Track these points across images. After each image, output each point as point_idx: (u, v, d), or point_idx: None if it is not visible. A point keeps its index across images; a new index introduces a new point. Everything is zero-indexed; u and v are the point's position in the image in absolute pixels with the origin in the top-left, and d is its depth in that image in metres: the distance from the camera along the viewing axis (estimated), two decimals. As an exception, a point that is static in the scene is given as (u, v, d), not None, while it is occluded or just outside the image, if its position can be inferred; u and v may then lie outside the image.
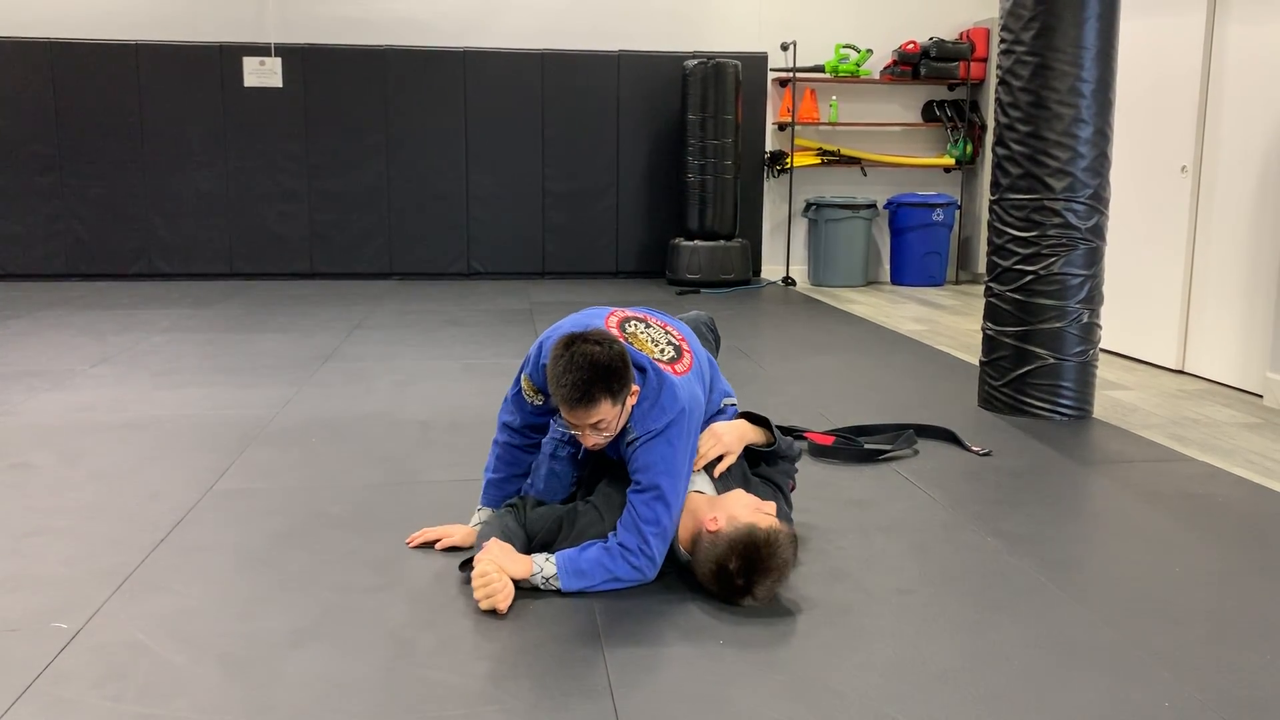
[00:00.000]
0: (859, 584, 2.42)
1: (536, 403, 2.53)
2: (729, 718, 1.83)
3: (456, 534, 2.63)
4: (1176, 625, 2.22)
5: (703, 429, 2.55)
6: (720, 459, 2.55)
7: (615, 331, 2.48)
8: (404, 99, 8.01)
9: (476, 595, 2.24)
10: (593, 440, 2.36)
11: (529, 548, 2.44)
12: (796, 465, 2.74)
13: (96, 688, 1.92)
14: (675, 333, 2.62)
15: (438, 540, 2.63)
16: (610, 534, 2.37)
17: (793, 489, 2.72)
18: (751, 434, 2.61)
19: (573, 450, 2.62)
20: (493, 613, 2.22)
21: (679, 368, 2.48)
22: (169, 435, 3.65)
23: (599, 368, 2.24)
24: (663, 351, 2.50)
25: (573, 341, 2.29)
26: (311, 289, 7.60)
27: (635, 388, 2.35)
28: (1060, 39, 3.77)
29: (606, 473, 2.59)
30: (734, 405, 2.74)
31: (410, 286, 7.81)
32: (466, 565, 2.38)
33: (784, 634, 2.15)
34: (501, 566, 2.27)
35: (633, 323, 2.57)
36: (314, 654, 2.06)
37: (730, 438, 2.56)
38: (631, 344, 2.45)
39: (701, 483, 2.53)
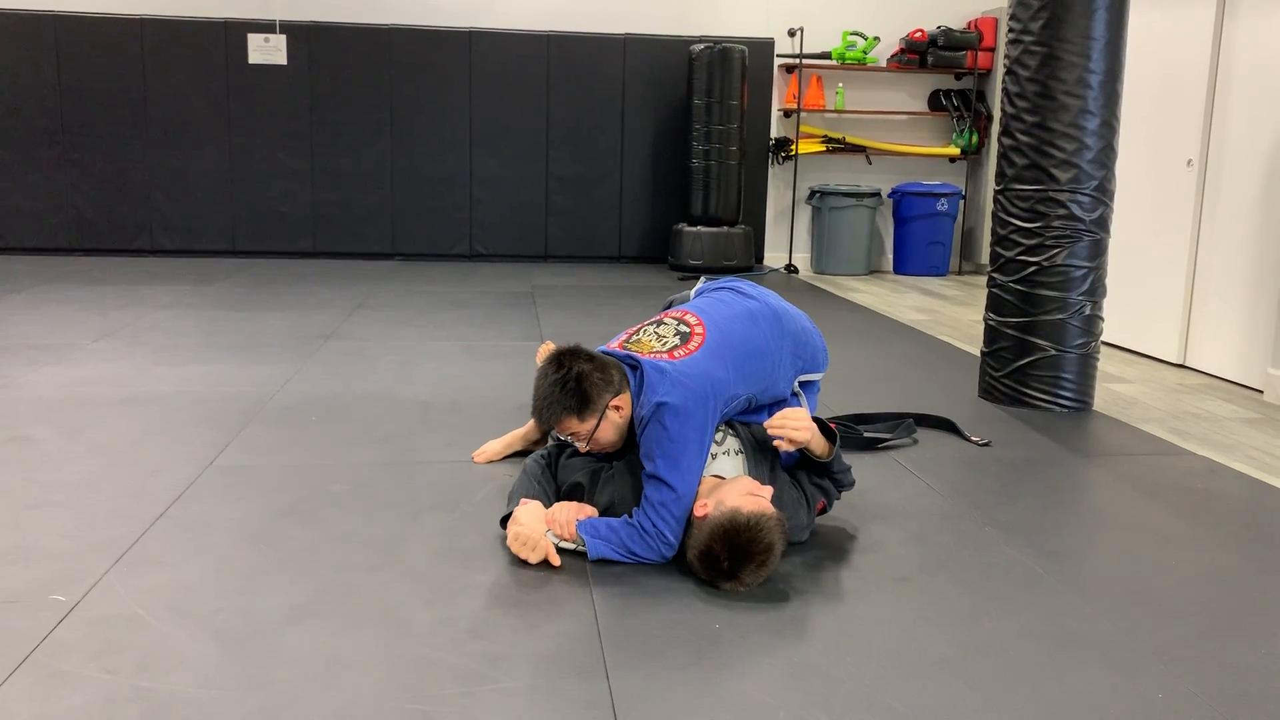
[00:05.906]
0: (856, 571, 2.43)
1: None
2: (724, 702, 1.84)
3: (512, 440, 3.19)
4: (1172, 618, 2.23)
5: (774, 410, 2.64)
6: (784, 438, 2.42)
7: (619, 348, 2.62)
8: (409, 79, 7.98)
9: (520, 553, 2.39)
10: (582, 447, 2.54)
11: (558, 496, 2.59)
12: (839, 494, 2.66)
13: (94, 660, 1.92)
14: (691, 317, 2.65)
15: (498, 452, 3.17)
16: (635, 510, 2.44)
17: (822, 510, 2.64)
18: (814, 440, 2.48)
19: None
20: (541, 563, 2.39)
21: (679, 352, 2.52)
22: (170, 411, 3.66)
23: (555, 387, 2.44)
24: (665, 343, 2.57)
25: (548, 362, 2.50)
26: (314, 268, 7.59)
27: (615, 400, 2.47)
28: (1068, 29, 3.75)
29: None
30: (797, 399, 2.77)
31: (413, 267, 7.80)
32: (506, 522, 2.49)
33: (780, 620, 2.16)
34: (532, 524, 2.41)
35: (644, 330, 2.68)
36: (311, 631, 2.06)
37: (810, 433, 2.43)
38: (634, 350, 2.57)
39: (727, 467, 2.52)
